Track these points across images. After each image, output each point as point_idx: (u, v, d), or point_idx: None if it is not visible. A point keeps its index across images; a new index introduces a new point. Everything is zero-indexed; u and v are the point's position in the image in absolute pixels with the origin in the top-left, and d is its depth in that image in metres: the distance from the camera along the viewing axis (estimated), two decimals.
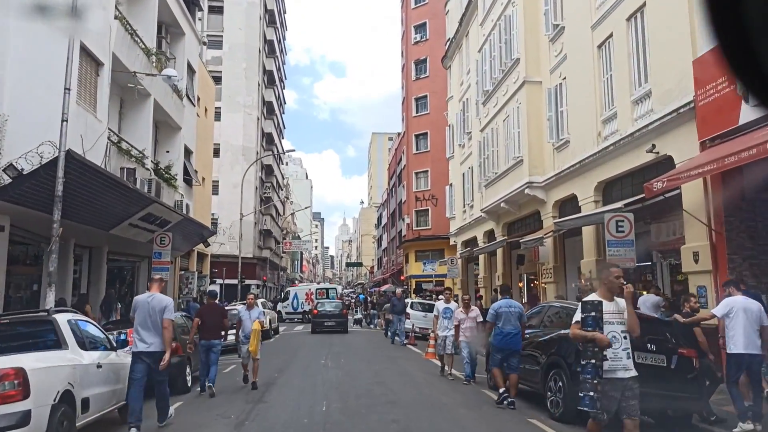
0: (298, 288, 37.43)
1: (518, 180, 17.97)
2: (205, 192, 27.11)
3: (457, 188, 29.21)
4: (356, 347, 17.90)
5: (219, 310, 11.09)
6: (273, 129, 50.42)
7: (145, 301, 7.25)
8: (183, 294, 24.24)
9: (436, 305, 12.03)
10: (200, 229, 20.61)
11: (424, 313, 22.59)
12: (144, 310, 7.12)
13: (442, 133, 44.40)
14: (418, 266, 44.83)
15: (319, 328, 24.37)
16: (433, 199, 43.80)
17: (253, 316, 10.86)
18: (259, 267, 45.54)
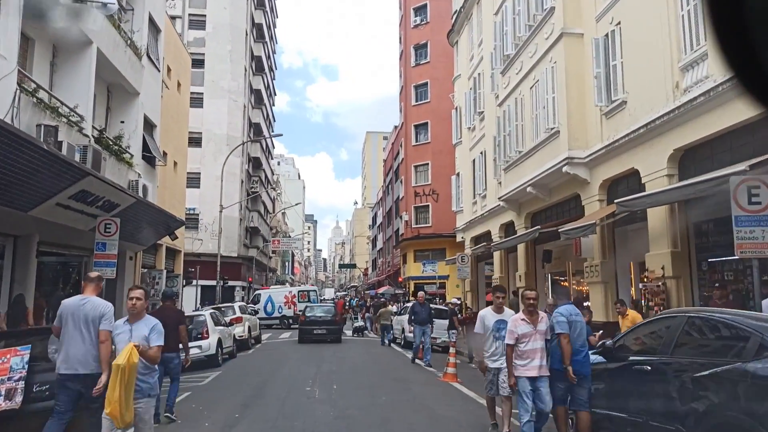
0: (272, 290, 33.56)
1: (552, 157, 14.58)
2: (177, 180, 23.56)
3: (466, 177, 25.83)
4: (353, 363, 14.40)
5: (175, 315, 8.86)
6: (261, 119, 46.90)
7: (77, 306, 5.68)
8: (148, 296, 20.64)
9: (480, 316, 7.19)
10: (165, 218, 17.08)
11: None
12: (75, 318, 5.59)
13: (443, 123, 41.11)
14: (417, 267, 41.41)
15: (307, 336, 20.89)
16: (434, 194, 40.45)
17: (136, 334, 5.36)
18: (245, 267, 41.93)
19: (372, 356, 16.22)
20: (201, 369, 13.51)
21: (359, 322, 24.49)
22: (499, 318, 6.77)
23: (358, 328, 24.33)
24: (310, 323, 21.15)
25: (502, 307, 7.01)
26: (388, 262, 55.60)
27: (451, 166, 40.80)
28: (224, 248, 38.42)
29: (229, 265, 38.89)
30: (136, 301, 5.45)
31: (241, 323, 18.59)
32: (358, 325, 24.55)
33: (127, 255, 17.51)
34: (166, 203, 21.10)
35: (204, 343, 13.69)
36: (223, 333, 14.93)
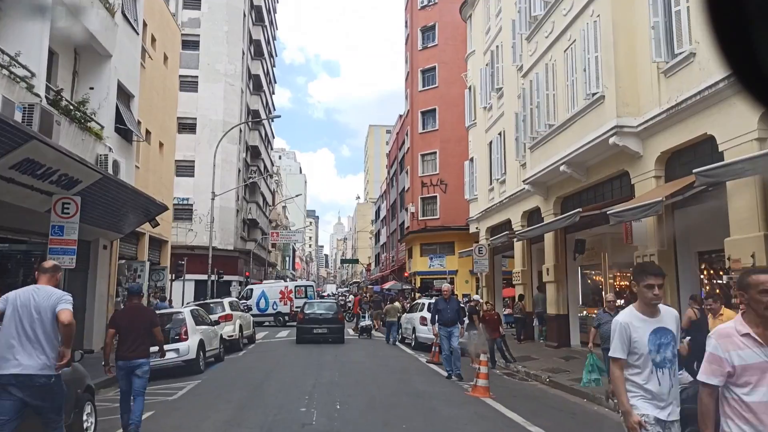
0: (265, 285, 31.04)
1: (594, 128, 12.33)
2: (164, 163, 21.36)
3: (481, 162, 23.59)
4: (359, 371, 12.19)
5: (145, 315, 7.52)
6: (260, 106, 44.64)
7: (27, 296, 4.64)
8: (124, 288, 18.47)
9: (620, 325, 3.41)
10: (144, 201, 14.90)
11: None
12: (23, 310, 4.56)
13: (452, 110, 38.85)
14: (423, 261, 39.23)
15: (306, 336, 18.71)
16: (442, 184, 38.22)
17: None
18: (242, 261, 39.78)
19: (380, 361, 14.01)
20: (178, 377, 11.36)
21: (366, 321, 21.04)
22: (658, 326, 3.38)
23: (365, 327, 20.80)
24: (309, 321, 18.96)
25: (657, 307, 3.43)
26: (392, 257, 53.43)
27: (460, 154, 38.56)
28: (220, 241, 36.31)
29: (224, 258, 36.77)
30: None
31: (231, 321, 16.43)
32: (365, 324, 20.87)
33: (100, 243, 15.35)
34: (150, 188, 18.92)
35: (182, 346, 11.51)
36: (206, 334, 12.75)
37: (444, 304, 11.58)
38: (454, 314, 11.53)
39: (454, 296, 12.62)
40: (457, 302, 12.21)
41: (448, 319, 11.40)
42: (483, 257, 18.61)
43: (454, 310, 11.64)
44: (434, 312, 11.77)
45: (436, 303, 11.90)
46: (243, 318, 17.86)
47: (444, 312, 11.47)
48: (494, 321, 13.68)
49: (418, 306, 18.31)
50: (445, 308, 11.50)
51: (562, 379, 11.43)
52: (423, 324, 16.92)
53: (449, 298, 11.80)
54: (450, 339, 11.26)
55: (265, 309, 28.20)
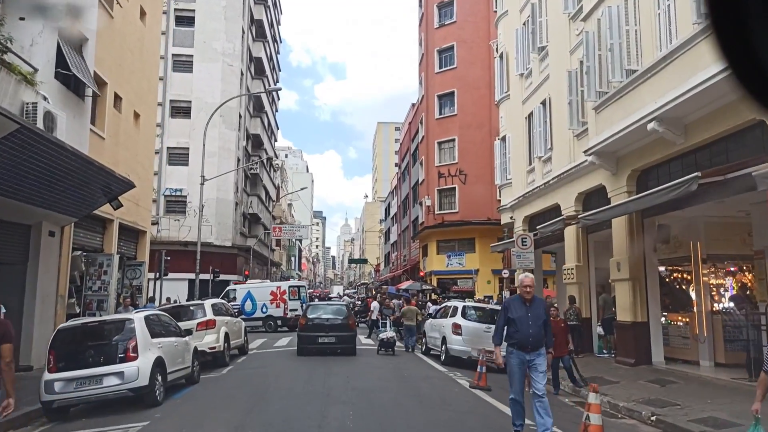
0: (252, 286, 27.06)
1: (706, 65, 8.70)
2: (141, 138, 17.90)
3: (517, 140, 20.01)
4: (381, 403, 8.60)
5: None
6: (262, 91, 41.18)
7: None
8: (90, 290, 15.04)
9: None
10: (99, 174, 11.45)
11: (486, 326, 13.46)
12: None
13: (472, 92, 35.26)
14: (440, 260, 35.67)
15: (309, 346, 15.21)
16: (462, 174, 34.67)
17: None
18: (242, 259, 36.35)
19: (408, 386, 10.39)
20: (120, 412, 7.91)
21: (388, 332, 15.70)
22: None
23: (386, 341, 15.22)
24: (313, 328, 15.42)
25: None
26: (404, 255, 49.86)
27: (482, 141, 34.97)
28: (216, 236, 32.98)
29: (222, 255, 33.41)
30: None
31: (214, 329, 12.92)
32: (387, 336, 15.37)
33: (44, 229, 11.92)
34: (122, 165, 15.54)
35: (128, 369, 8.01)
36: (169, 349, 9.24)
37: (521, 310, 6.42)
38: (540, 330, 6.39)
39: (539, 298, 7.26)
40: (543, 307, 6.85)
41: (529, 337, 6.29)
42: (527, 250, 15.01)
43: (540, 321, 6.41)
44: (502, 323, 6.64)
45: (507, 307, 6.68)
46: (231, 324, 14.34)
47: (522, 325, 6.33)
48: (561, 331, 10.12)
49: (448, 310, 14.76)
50: (524, 317, 6.35)
51: (677, 417, 7.87)
52: (456, 333, 13.38)
53: (532, 299, 6.50)
54: (533, 373, 6.30)
55: (251, 312, 24.66)
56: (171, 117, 33.66)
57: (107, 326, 8.64)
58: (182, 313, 13.06)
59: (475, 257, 34.14)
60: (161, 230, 32.52)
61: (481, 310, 14.05)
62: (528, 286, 6.48)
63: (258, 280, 29.35)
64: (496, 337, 6.71)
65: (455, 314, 13.92)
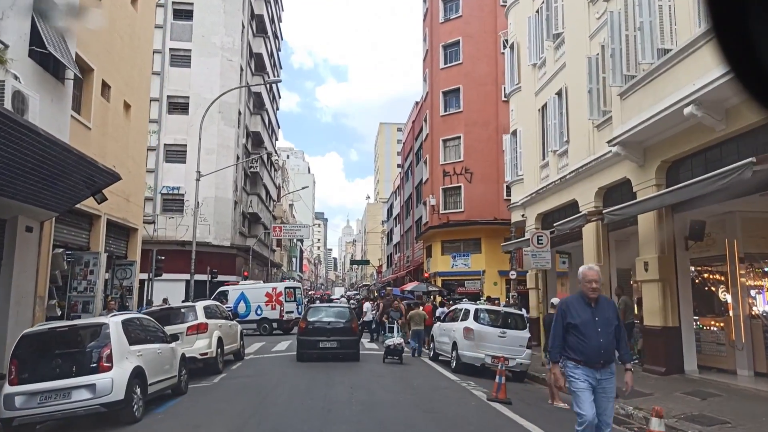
0: (245, 287, 25.86)
1: None
2: (132, 131, 16.90)
3: (529, 134, 18.99)
4: (390, 419, 7.58)
5: None
6: (263, 90, 40.27)
7: None
8: (75, 291, 14.04)
9: None
10: (81, 164, 10.44)
11: (500, 330, 12.46)
12: None
13: (478, 89, 34.25)
14: (445, 260, 34.64)
15: (309, 351, 14.22)
16: (467, 173, 33.64)
17: None
18: (241, 260, 35.34)
19: (419, 399, 9.34)
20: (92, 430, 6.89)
21: (395, 338, 14.22)
22: None
23: (393, 348, 13.77)
24: (313, 332, 14.42)
25: None
26: (407, 257, 48.83)
27: (488, 139, 33.95)
28: (215, 236, 32.00)
29: (220, 256, 32.43)
30: None
31: (206, 334, 11.91)
32: (394, 342, 13.87)
33: (20, 224, 10.91)
34: (110, 157, 14.55)
35: (101, 381, 6.99)
36: (151, 357, 8.23)
37: (585, 313, 4.92)
38: (612, 339, 4.92)
39: (607, 298, 5.68)
40: (614, 309, 5.27)
41: (600, 349, 4.84)
42: (543, 249, 13.97)
43: (611, 328, 4.93)
44: (560, 330, 4.99)
45: (565, 310, 5.03)
46: (225, 328, 13.32)
47: (589, 333, 4.84)
48: None
49: (458, 313, 13.72)
50: (590, 323, 4.87)
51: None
52: (469, 338, 12.35)
53: (598, 298, 4.99)
54: (600, 399, 4.86)
55: (245, 314, 23.58)
56: (168, 113, 32.71)
57: (79, 332, 7.63)
58: (172, 316, 12.06)
59: (481, 258, 33.11)
60: (158, 229, 31.55)
61: (494, 314, 13.01)
62: (593, 281, 4.87)
63: (251, 281, 28.30)
64: (553, 350, 5.04)
65: (467, 318, 12.88)
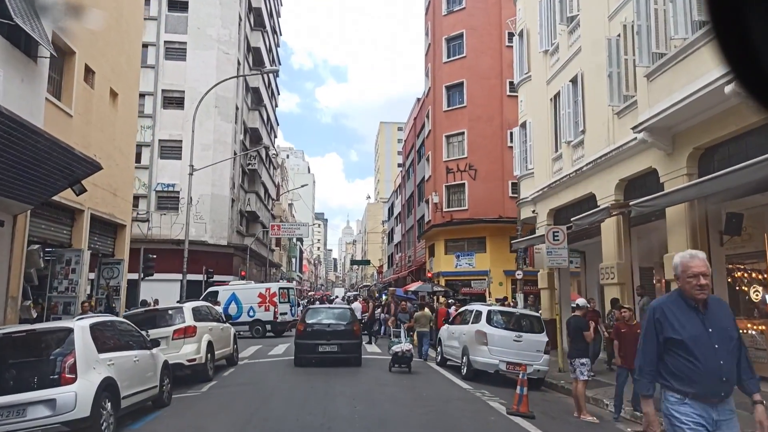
0: (237, 287, 24.77)
1: None
2: (119, 120, 15.88)
3: (540, 125, 17.98)
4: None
5: None
6: (261, 84, 39.26)
7: None
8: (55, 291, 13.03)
9: None
10: (57, 151, 9.43)
11: (515, 334, 11.46)
12: None
13: (482, 83, 33.23)
14: (448, 260, 33.63)
15: (308, 356, 13.27)
16: (471, 169, 32.66)
17: None
18: (238, 259, 34.32)
19: (431, 411, 8.30)
20: None
21: (403, 343, 12.26)
22: None
23: (401, 356, 12.14)
24: (312, 335, 13.43)
25: None
26: (408, 256, 47.83)
27: (492, 135, 32.96)
28: (211, 234, 30.99)
29: (217, 255, 31.42)
30: None
31: (194, 338, 10.89)
32: (401, 348, 12.12)
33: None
34: (94, 147, 13.58)
35: (62, 396, 5.97)
36: (126, 366, 7.22)
37: (693, 323, 3.31)
38: (733, 359, 3.30)
39: (719, 299, 3.71)
40: (730, 315, 3.50)
41: (721, 375, 3.24)
42: (560, 245, 12.93)
43: (732, 343, 3.31)
44: (653, 347, 3.40)
45: (660, 319, 3.38)
46: (217, 331, 12.30)
47: (701, 350, 3.25)
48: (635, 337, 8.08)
49: (468, 316, 12.72)
50: (701, 337, 3.27)
51: None
52: (482, 343, 11.34)
53: (707, 300, 3.33)
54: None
55: (237, 316, 22.51)
56: (163, 108, 31.70)
57: (39, 338, 6.60)
58: (157, 318, 11.05)
59: (485, 257, 32.11)
60: (152, 227, 30.55)
61: (509, 316, 11.98)
62: (701, 276, 3.27)
63: (243, 281, 27.25)
64: (644, 377, 3.45)
65: (478, 320, 11.87)
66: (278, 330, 23.09)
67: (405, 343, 12.29)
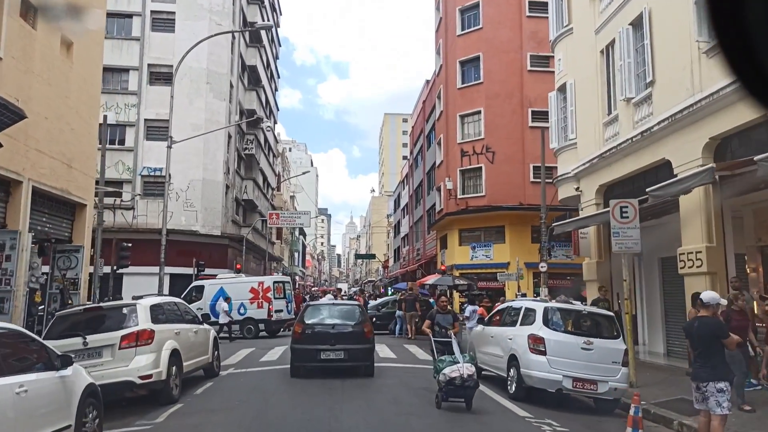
0: (227, 281, 21.38)
1: None
2: (73, 74, 12.98)
3: (585, 84, 15.00)
4: None
5: None
6: (259, 63, 36.30)
7: None
8: None
9: None
10: None
11: (584, 340, 8.49)
12: None
13: (500, 57, 30.11)
14: (463, 252, 30.71)
15: (307, 364, 10.46)
16: (489, 152, 29.68)
17: None
18: (233, 251, 31.46)
19: None
20: None
21: (461, 364, 7.62)
22: None
23: (460, 385, 7.60)
24: (312, 339, 10.58)
25: None
26: (417, 249, 44.91)
27: (512, 114, 29.92)
28: (203, 223, 28.15)
29: (209, 246, 28.62)
30: None
31: (151, 346, 7.99)
32: (461, 373, 7.53)
33: None
34: (37, 101, 10.76)
35: None
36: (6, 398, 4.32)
37: None
38: None
39: None
40: None
41: None
42: (629, 224, 9.97)
43: None
44: None
45: None
46: (186, 336, 9.39)
47: None
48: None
49: (514, 314, 9.79)
50: None
51: None
52: (538, 352, 8.42)
53: None
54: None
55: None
56: (149, 84, 28.81)
57: None
58: (100, 319, 8.17)
59: (504, 248, 29.21)
60: (138, 216, 27.71)
61: (573, 315, 9.04)
62: None
63: (232, 273, 24.28)
64: None
65: (529, 320, 8.96)
66: (272, 330, 20.25)
67: (465, 364, 7.69)
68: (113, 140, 27.97)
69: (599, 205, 14.07)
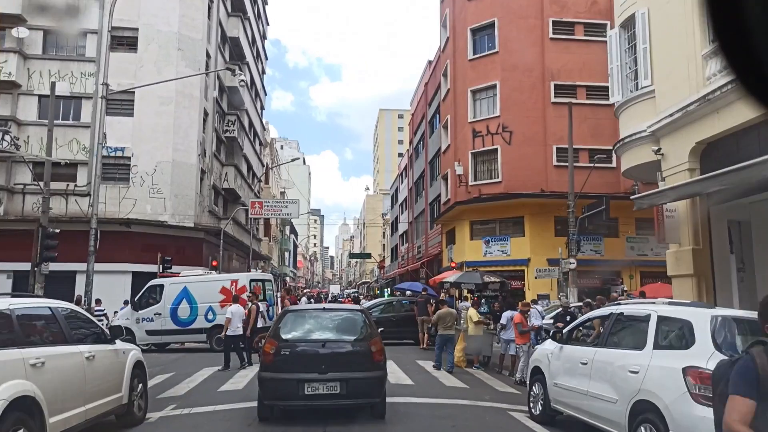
0: (192, 280, 17.14)
1: None
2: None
3: (667, 14, 11.03)
4: None
5: None
6: (241, 34, 32.14)
7: None
8: None
9: None
10: None
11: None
12: None
13: (518, 23, 26.06)
14: (474, 247, 26.75)
15: (283, 402, 6.46)
16: (505, 131, 25.72)
17: None
18: (209, 246, 27.27)
19: None
20: None
21: None
22: None
23: None
24: (291, 364, 6.66)
25: None
26: (418, 247, 40.91)
27: (531, 89, 25.89)
28: (172, 212, 24.04)
29: (180, 240, 24.54)
30: None
31: None
32: None
33: None
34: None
35: None
36: None
37: None
38: None
39: None
40: None
41: None
42: None
43: None
44: None
45: None
46: (68, 367, 5.32)
47: None
48: None
49: (627, 326, 5.77)
50: None
51: None
52: (703, 399, 4.33)
53: None
54: None
55: (189, 321, 15.80)
56: (111, 50, 24.55)
57: None
58: None
59: (524, 242, 25.32)
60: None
61: (751, 329, 5.07)
62: None
63: (200, 269, 20.07)
64: None
65: (681, 340, 4.98)
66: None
67: None
68: (66, 115, 23.85)
69: (694, 171, 10.11)
